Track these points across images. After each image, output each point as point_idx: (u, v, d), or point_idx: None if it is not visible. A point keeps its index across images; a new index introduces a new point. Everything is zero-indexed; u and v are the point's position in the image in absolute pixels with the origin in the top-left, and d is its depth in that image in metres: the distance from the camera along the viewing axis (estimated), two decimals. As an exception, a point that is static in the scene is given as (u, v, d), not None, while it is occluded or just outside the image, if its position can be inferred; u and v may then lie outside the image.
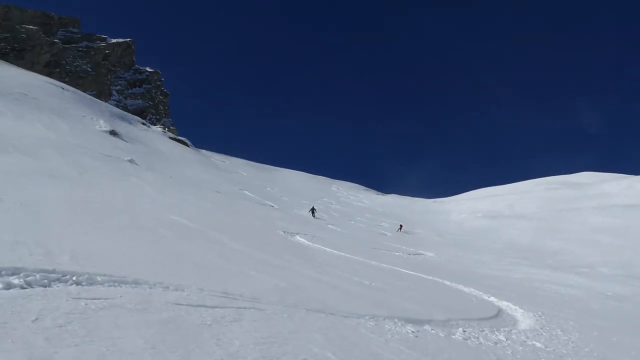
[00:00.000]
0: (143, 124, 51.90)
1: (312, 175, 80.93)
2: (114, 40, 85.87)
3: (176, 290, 5.33)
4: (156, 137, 47.08)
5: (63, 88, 42.76)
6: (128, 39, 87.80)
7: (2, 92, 29.19)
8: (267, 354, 3.95)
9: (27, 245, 5.64)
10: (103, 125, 34.81)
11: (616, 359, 7.42)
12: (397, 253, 20.47)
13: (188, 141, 58.85)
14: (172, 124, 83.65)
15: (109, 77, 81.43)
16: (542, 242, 32.10)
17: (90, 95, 53.31)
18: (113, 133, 34.26)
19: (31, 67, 60.72)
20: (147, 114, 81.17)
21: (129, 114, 53.68)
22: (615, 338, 9.16)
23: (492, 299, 11.25)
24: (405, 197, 72.22)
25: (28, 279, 4.37)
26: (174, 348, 3.59)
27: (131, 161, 25.41)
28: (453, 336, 6.73)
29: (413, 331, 6.27)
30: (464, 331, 7.12)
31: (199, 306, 4.87)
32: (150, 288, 5.18)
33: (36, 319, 3.50)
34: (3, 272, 4.41)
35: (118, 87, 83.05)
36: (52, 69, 69.44)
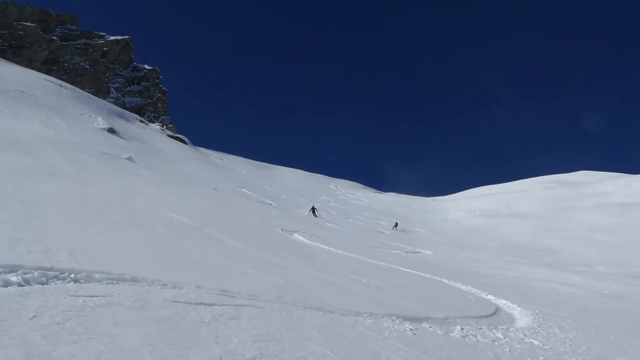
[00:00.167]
0: (141, 122, 51.78)
1: (311, 173, 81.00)
2: (112, 37, 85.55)
3: (174, 287, 5.33)
4: (154, 135, 47.00)
5: (61, 85, 42.64)
6: (126, 37, 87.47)
7: (0, 90, 29.09)
8: (266, 352, 3.96)
9: (25, 242, 5.63)
10: (101, 122, 34.72)
11: (613, 358, 7.44)
12: (395, 251, 20.50)
13: (186, 139, 58.76)
14: (171, 122, 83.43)
15: (107, 75, 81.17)
16: (540, 241, 32.17)
17: (88, 92, 53.16)
18: (111, 131, 34.18)
19: (29, 65, 60.48)
20: (146, 112, 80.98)
21: (127, 112, 53.52)
22: (612, 336, 9.20)
23: (490, 297, 11.29)
24: (403, 196, 72.27)
25: (26, 277, 4.37)
26: (172, 345, 3.59)
27: (129, 159, 25.35)
28: (451, 334, 6.75)
29: (411, 329, 6.28)
30: (462, 329, 7.14)
31: (197, 304, 4.88)
32: (148, 285, 5.17)
33: (34, 317, 3.50)
34: (1, 270, 4.40)
35: (116, 85, 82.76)
36: (50, 66, 69.18)
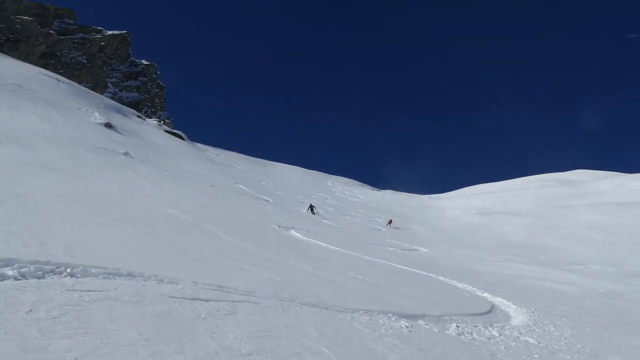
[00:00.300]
0: (138, 117, 51.62)
1: (307, 170, 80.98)
2: (110, 32, 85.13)
3: (171, 283, 5.33)
4: (151, 130, 46.86)
5: (58, 80, 42.44)
6: (124, 31, 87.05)
7: (-4, 83, 28.93)
8: (262, 348, 3.96)
9: (21, 236, 5.61)
10: (98, 117, 34.58)
11: (608, 356, 7.48)
12: (392, 248, 20.53)
13: (183, 134, 58.63)
14: (168, 117, 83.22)
15: (105, 69, 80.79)
16: (536, 239, 32.28)
17: (85, 87, 52.96)
18: (108, 125, 34.05)
19: (26, 58, 60.13)
20: (143, 107, 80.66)
21: (125, 107, 53.36)
22: (607, 335, 9.24)
23: (486, 295, 11.31)
24: (400, 193, 72.34)
25: (22, 271, 4.36)
26: (168, 340, 3.59)
27: (126, 154, 25.27)
28: (447, 331, 6.76)
29: (407, 326, 6.30)
30: (458, 326, 7.16)
31: (194, 299, 4.87)
32: (144, 281, 5.17)
33: (30, 311, 3.49)
34: (-3, 264, 4.39)
35: (113, 80, 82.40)
36: (47, 61, 68.78)
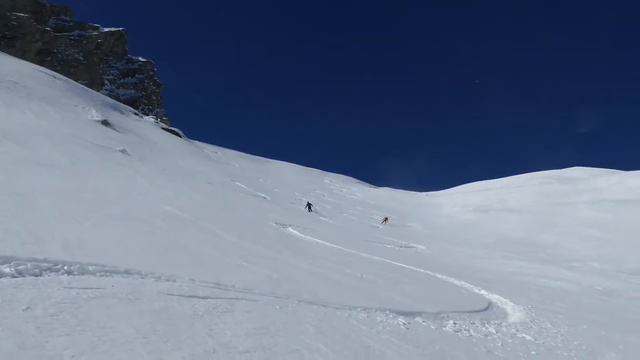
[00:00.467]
0: (135, 114, 51.48)
1: (305, 167, 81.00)
2: (107, 29, 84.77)
3: (168, 280, 5.33)
4: (148, 128, 46.75)
5: (54, 77, 42.26)
6: (121, 28, 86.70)
7: (-8, 80, 28.80)
8: (259, 345, 3.96)
9: (19, 234, 5.59)
10: (95, 114, 34.47)
11: (605, 353, 7.50)
12: (389, 246, 20.55)
13: (180, 132, 58.53)
14: (165, 115, 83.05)
15: (101, 67, 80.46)
16: (534, 236, 32.35)
17: (82, 84, 52.72)
18: (105, 123, 33.95)
19: (22, 55, 59.87)
20: (140, 104, 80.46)
21: (121, 104, 53.20)
22: (604, 332, 9.27)
23: (483, 292, 11.34)
24: (397, 190, 72.42)
25: (19, 268, 4.35)
26: (166, 338, 3.59)
27: (123, 151, 25.22)
28: (444, 328, 6.79)
29: (404, 323, 6.31)
30: (455, 323, 7.18)
31: (191, 297, 4.87)
32: (142, 278, 5.16)
33: (27, 308, 3.49)
34: (-7, 261, 4.38)
35: (110, 77, 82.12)
36: (44, 58, 68.47)
